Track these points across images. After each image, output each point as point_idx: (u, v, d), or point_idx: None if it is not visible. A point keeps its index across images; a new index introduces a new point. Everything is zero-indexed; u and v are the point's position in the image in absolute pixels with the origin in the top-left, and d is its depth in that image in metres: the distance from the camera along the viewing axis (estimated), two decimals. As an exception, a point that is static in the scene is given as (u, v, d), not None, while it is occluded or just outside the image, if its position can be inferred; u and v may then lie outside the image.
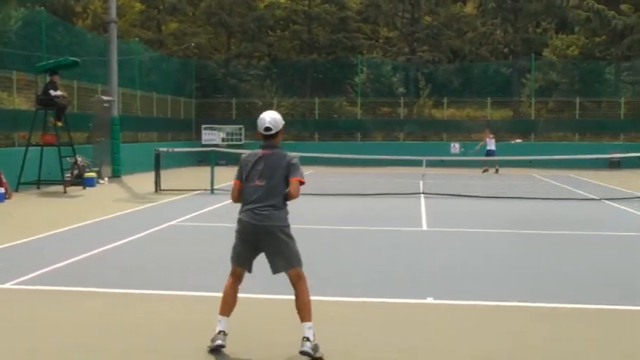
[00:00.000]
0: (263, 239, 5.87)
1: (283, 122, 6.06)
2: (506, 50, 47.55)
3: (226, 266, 6.13)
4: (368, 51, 47.81)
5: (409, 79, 44.34)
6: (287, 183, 5.91)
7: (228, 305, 5.96)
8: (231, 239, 6.03)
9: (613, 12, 41.77)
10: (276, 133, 5.99)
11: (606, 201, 18.77)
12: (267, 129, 5.94)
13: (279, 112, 6.54)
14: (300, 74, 44.79)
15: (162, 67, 38.00)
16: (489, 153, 31.35)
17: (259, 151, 6.01)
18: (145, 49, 36.10)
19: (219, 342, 5.82)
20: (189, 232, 12.96)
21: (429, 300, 7.71)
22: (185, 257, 10.27)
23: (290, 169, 5.91)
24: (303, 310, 5.83)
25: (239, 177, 6.05)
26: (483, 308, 7.46)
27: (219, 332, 5.85)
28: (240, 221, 5.94)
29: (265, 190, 5.86)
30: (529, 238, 12.46)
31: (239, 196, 6.06)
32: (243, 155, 6.18)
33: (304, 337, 5.69)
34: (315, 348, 5.69)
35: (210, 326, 5.91)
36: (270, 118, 5.98)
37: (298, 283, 5.88)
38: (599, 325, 6.93)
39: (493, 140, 31.86)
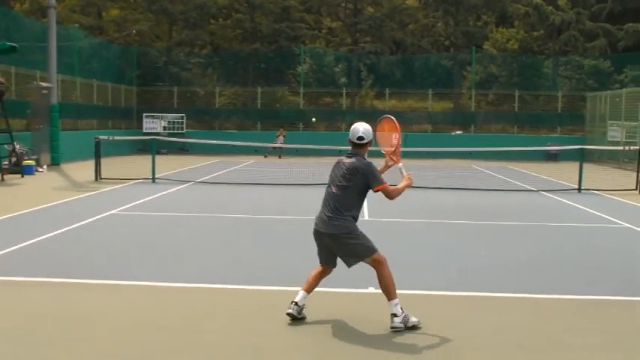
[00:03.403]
0: None
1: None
2: (447, 42, 48.14)
3: (166, 256, 6.12)
4: (311, 41, 47.90)
5: (351, 70, 44.52)
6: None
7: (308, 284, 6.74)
8: (173, 228, 6.02)
9: (551, 7, 42.68)
10: (367, 143, 6.39)
11: (543, 192, 19.19)
12: (360, 138, 6.28)
13: (221, 101, 6.71)
14: (243, 63, 44.60)
15: (103, 54, 37.41)
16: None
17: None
18: (85, 36, 35.52)
19: (288, 310, 6.47)
20: (130, 221, 12.77)
21: (371, 290, 7.80)
22: (124, 247, 10.16)
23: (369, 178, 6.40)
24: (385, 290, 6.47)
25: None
26: (422, 297, 7.61)
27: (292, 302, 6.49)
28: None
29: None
30: (468, 228, 12.71)
31: None
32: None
33: (391, 314, 6.30)
34: (404, 320, 6.27)
35: (144, 314, 5.84)
36: (364, 128, 6.30)
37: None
38: (532, 312, 7.13)
39: (282, 138, 34.59)
